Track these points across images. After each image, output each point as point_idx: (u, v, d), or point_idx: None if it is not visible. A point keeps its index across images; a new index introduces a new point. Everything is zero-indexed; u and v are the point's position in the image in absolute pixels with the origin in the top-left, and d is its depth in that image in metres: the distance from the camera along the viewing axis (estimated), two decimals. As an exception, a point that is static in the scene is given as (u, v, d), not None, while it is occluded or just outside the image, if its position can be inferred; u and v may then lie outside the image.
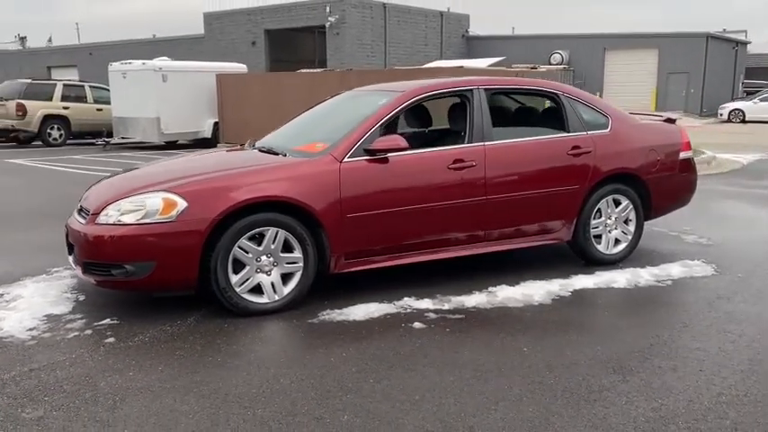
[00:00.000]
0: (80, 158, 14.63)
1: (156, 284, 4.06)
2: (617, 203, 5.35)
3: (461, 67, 14.95)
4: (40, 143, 17.58)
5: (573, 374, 3.35)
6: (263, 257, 4.16)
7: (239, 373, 3.36)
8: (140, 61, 16.74)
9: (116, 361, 3.52)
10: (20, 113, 16.88)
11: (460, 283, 4.82)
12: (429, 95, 4.85)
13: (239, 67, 18.61)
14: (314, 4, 34.61)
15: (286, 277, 4.27)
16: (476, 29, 43.62)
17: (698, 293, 4.71)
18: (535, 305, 4.43)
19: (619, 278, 4.98)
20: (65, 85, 18.11)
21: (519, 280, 4.90)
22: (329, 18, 33.71)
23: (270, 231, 4.14)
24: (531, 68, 34.02)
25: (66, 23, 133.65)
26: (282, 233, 4.17)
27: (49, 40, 60.39)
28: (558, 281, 4.89)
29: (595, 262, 5.30)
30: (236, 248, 4.06)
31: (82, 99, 18.15)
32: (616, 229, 5.40)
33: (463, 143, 4.84)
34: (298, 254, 4.24)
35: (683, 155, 5.66)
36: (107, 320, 4.10)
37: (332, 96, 5.74)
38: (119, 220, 3.98)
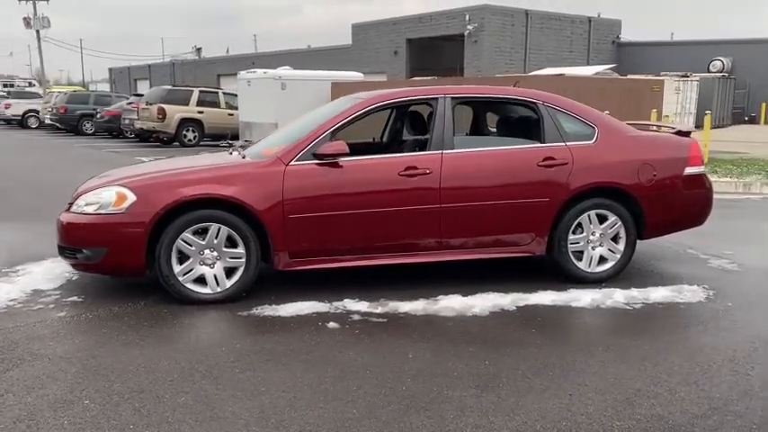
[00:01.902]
0: (200, 158, 16.03)
1: (109, 268, 4.55)
2: (602, 219, 5.06)
3: (562, 74, 14.43)
4: (178, 144, 19.45)
5: (432, 384, 3.32)
6: (207, 251, 4.50)
7: (131, 352, 3.71)
8: (263, 70, 17.97)
9: (51, 332, 4.02)
10: (160, 116, 18.82)
11: (415, 289, 4.83)
12: (387, 104, 4.94)
13: (355, 76, 19.32)
14: (453, 13, 34.86)
15: (231, 271, 4.57)
16: (630, 34, 41.50)
17: (659, 320, 4.36)
18: (467, 317, 4.36)
19: (584, 297, 4.72)
20: (201, 91, 19.90)
21: (477, 291, 4.81)
22: (467, 26, 33.76)
23: (213, 227, 4.46)
24: (682, 77, 31.82)
25: (247, 35, 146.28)
26: (225, 229, 4.48)
27: (227, 50, 66.16)
28: (515, 295, 4.74)
29: (576, 279, 5.05)
30: (179, 241, 4.43)
31: (215, 104, 19.83)
32: (601, 246, 5.10)
33: (423, 150, 4.87)
34: (241, 250, 4.53)
35: (689, 170, 5.21)
36: (74, 298, 4.66)
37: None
38: (83, 210, 4.51)
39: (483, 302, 4.59)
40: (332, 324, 4.17)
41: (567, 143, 4.98)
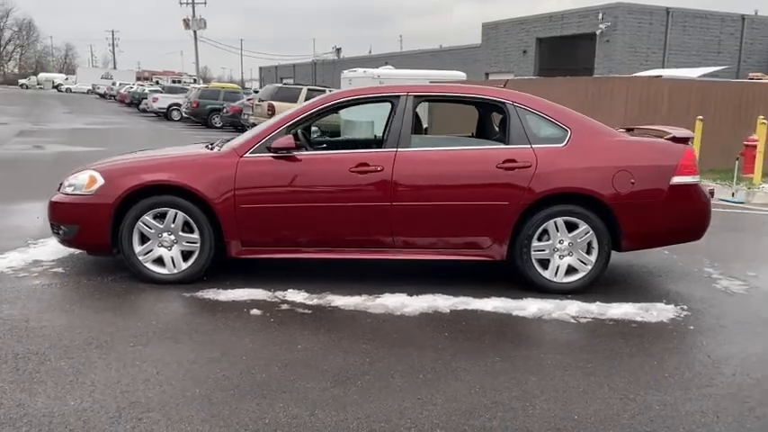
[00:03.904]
0: (296, 152, 16.76)
1: (82, 244, 5.01)
2: (571, 227, 4.78)
3: (659, 76, 13.39)
4: (286, 138, 20.42)
5: (292, 375, 3.38)
6: (165, 234, 4.80)
7: (60, 320, 4.07)
8: (363, 69, 18.39)
9: (13, 296, 4.49)
10: (269, 112, 19.78)
11: (365, 285, 4.83)
12: (347, 101, 4.94)
13: (456, 75, 19.20)
14: (586, 11, 33.48)
15: (188, 254, 4.85)
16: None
17: (594, 337, 4.08)
18: (394, 315, 4.33)
19: (531, 307, 4.50)
20: (309, 89, 20.69)
21: (426, 291, 4.73)
22: (600, 25, 32.29)
23: (170, 212, 4.77)
24: None
25: (394, 36, 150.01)
26: (181, 215, 4.76)
27: (369, 51, 68.26)
28: (462, 298, 4.62)
29: (540, 288, 4.81)
30: (139, 223, 4.77)
31: (322, 102, 20.54)
32: (570, 255, 4.82)
33: (378, 148, 4.88)
34: (196, 235, 4.80)
35: (677, 179, 4.77)
36: (59, 269, 5.16)
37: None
38: (65, 191, 5.00)
39: (420, 303, 4.52)
40: (254, 311, 4.31)
41: (533, 145, 4.76)
